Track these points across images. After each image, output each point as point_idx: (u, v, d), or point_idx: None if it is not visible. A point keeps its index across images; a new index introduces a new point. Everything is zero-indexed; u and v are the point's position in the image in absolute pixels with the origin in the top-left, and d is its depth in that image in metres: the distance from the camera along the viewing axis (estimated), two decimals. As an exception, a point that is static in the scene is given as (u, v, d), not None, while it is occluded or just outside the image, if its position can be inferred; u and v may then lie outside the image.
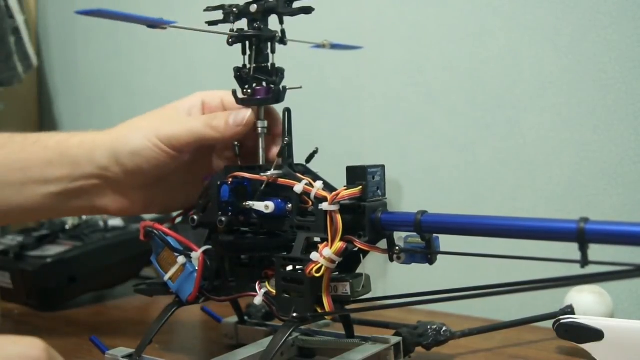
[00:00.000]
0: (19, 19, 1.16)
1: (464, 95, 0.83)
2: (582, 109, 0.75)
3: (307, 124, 0.91)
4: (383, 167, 0.53)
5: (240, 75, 0.58)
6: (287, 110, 0.57)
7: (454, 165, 0.85)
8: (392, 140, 0.89)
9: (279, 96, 0.58)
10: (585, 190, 0.76)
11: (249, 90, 0.57)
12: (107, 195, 0.63)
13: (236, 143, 0.59)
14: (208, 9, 0.59)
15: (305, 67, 0.92)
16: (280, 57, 0.59)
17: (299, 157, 0.59)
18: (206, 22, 0.58)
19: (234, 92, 0.59)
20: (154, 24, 0.54)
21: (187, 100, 0.63)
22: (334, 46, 0.68)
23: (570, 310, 0.67)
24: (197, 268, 0.56)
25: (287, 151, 0.56)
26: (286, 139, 0.56)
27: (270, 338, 0.55)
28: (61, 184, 0.62)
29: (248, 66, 0.57)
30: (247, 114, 0.58)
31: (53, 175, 0.62)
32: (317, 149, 0.58)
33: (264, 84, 0.58)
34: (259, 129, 0.59)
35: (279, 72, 0.58)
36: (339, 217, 0.50)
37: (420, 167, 0.87)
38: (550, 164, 0.78)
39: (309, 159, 0.58)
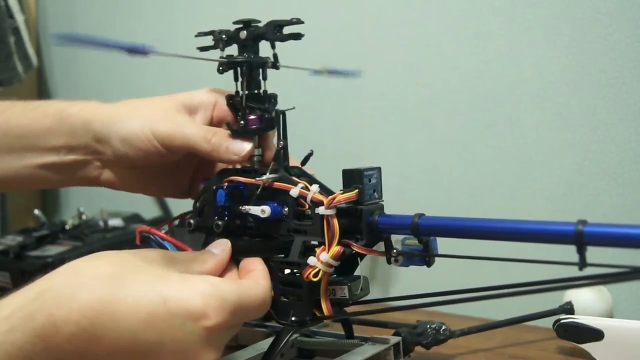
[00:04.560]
0: (19, 19, 1.16)
1: (464, 95, 0.83)
2: (582, 109, 0.75)
3: (307, 124, 0.91)
4: (379, 169, 0.53)
5: (233, 103, 0.57)
6: (282, 113, 0.57)
7: (454, 165, 0.84)
8: (392, 140, 0.89)
9: (273, 124, 0.57)
10: (585, 190, 0.76)
11: (242, 122, 0.56)
12: (99, 169, 0.63)
13: None
14: (199, 35, 0.58)
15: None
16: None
17: (298, 158, 0.58)
18: (197, 48, 0.57)
19: (228, 124, 0.57)
20: (135, 50, 0.52)
21: (200, 95, 0.62)
22: (332, 72, 0.66)
23: (569, 307, 0.67)
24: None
25: (282, 154, 0.56)
26: (281, 142, 0.56)
27: (270, 339, 0.55)
28: (58, 154, 0.62)
29: (240, 93, 0.57)
30: (247, 147, 0.57)
31: (51, 143, 0.62)
32: (311, 151, 0.57)
33: (257, 111, 0.57)
34: (255, 157, 0.58)
35: (272, 98, 0.57)
36: (335, 222, 0.50)
37: (420, 167, 0.87)
38: (550, 164, 0.78)
39: (304, 161, 0.58)
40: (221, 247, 0.53)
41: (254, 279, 0.50)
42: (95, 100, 0.64)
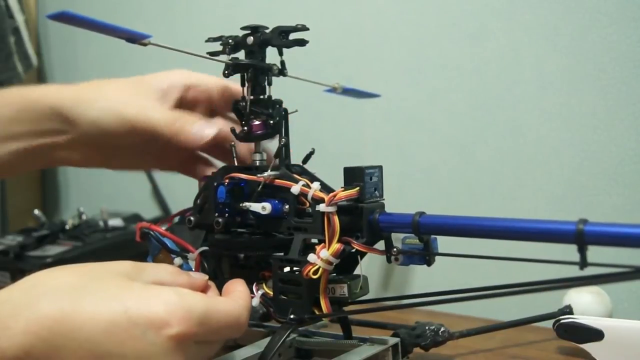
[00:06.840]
0: (19, 19, 1.16)
1: (464, 95, 0.83)
2: (582, 109, 0.75)
3: (307, 124, 0.91)
4: (380, 167, 0.53)
5: (238, 108, 0.57)
6: (284, 111, 0.57)
7: (454, 165, 0.84)
8: (392, 140, 0.89)
9: (278, 130, 0.57)
10: (585, 190, 0.75)
11: (245, 128, 0.56)
12: (67, 149, 0.64)
13: (232, 143, 0.59)
14: (209, 40, 0.58)
15: (304, 67, 0.92)
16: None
17: (298, 157, 0.58)
18: (208, 53, 0.57)
19: (233, 130, 0.58)
20: (133, 37, 0.51)
21: (168, 77, 0.63)
22: (347, 90, 0.66)
23: (568, 310, 0.66)
24: (193, 269, 0.56)
25: (284, 152, 0.56)
26: (283, 139, 0.56)
27: (268, 339, 0.55)
28: (25, 141, 0.63)
29: (246, 98, 0.57)
30: (212, 131, 0.58)
31: (16, 131, 0.62)
32: (313, 149, 0.58)
33: (262, 117, 0.56)
34: (257, 162, 0.57)
35: (277, 104, 0.57)
36: (336, 219, 0.50)
37: (420, 167, 0.87)
38: (550, 164, 0.78)
39: (306, 159, 0.58)
40: (201, 275, 0.52)
41: (230, 297, 0.49)
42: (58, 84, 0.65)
